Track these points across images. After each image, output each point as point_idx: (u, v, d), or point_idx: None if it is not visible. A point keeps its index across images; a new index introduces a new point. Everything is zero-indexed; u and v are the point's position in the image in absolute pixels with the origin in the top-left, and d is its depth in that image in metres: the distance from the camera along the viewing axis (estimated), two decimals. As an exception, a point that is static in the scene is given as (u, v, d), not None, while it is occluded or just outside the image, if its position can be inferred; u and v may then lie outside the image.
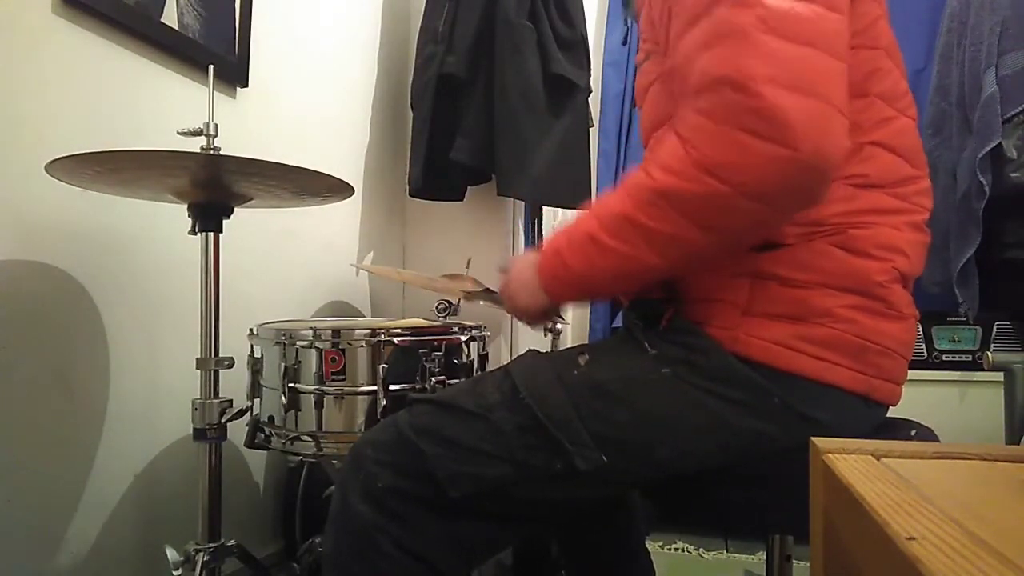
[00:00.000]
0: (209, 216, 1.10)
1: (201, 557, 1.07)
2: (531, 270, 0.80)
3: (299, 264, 1.75)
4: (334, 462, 1.11)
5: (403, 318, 1.67)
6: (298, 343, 1.10)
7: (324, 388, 1.09)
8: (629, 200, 0.70)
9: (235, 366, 1.12)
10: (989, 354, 1.53)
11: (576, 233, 0.75)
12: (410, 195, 2.04)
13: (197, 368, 1.10)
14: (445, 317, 1.18)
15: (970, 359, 1.93)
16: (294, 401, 1.10)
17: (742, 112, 0.62)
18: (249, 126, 1.54)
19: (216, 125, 1.08)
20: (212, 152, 1.07)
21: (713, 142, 0.64)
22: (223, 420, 1.10)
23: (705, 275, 0.76)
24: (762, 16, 0.62)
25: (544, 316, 0.85)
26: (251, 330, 1.19)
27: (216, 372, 1.11)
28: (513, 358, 0.83)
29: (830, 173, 0.63)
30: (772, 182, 0.63)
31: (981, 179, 1.52)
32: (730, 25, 0.64)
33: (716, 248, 0.71)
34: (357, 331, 1.10)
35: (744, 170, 0.63)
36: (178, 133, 1.08)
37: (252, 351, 1.19)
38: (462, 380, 1.11)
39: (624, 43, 1.40)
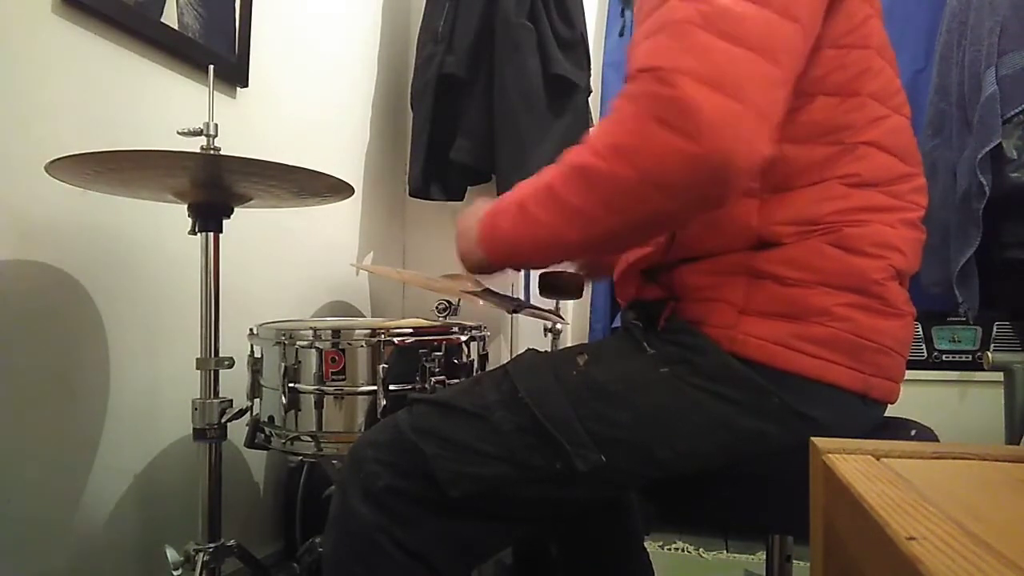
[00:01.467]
0: (209, 216, 1.10)
1: (201, 557, 1.07)
2: (474, 221, 0.81)
3: (299, 264, 1.75)
4: (334, 462, 1.11)
5: (403, 318, 1.67)
6: (298, 343, 1.10)
7: (324, 388, 1.09)
8: (556, 172, 0.72)
9: (235, 366, 1.12)
10: (989, 354, 1.53)
11: (511, 198, 0.77)
12: (410, 195, 2.04)
13: (197, 368, 1.10)
14: (445, 317, 1.18)
15: (970, 359, 1.92)
16: (294, 401, 1.10)
17: (658, 101, 0.62)
18: (249, 126, 1.54)
19: (216, 125, 1.08)
20: (212, 152, 1.07)
21: (627, 126, 0.66)
22: (223, 420, 1.10)
23: (702, 275, 0.77)
24: (705, 12, 0.63)
25: (481, 268, 0.85)
26: (251, 330, 1.19)
27: (216, 372, 1.11)
28: (512, 358, 0.83)
29: (739, 175, 0.63)
30: (673, 173, 0.63)
31: (981, 179, 1.52)
32: (671, 17, 0.64)
33: (627, 233, 0.71)
34: (357, 331, 1.10)
35: (649, 156, 0.64)
36: (178, 133, 1.08)
37: (252, 351, 1.19)
38: (462, 380, 1.11)
39: (621, 35, 1.41)
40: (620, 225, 0.69)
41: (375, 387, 1.07)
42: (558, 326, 1.75)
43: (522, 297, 0.97)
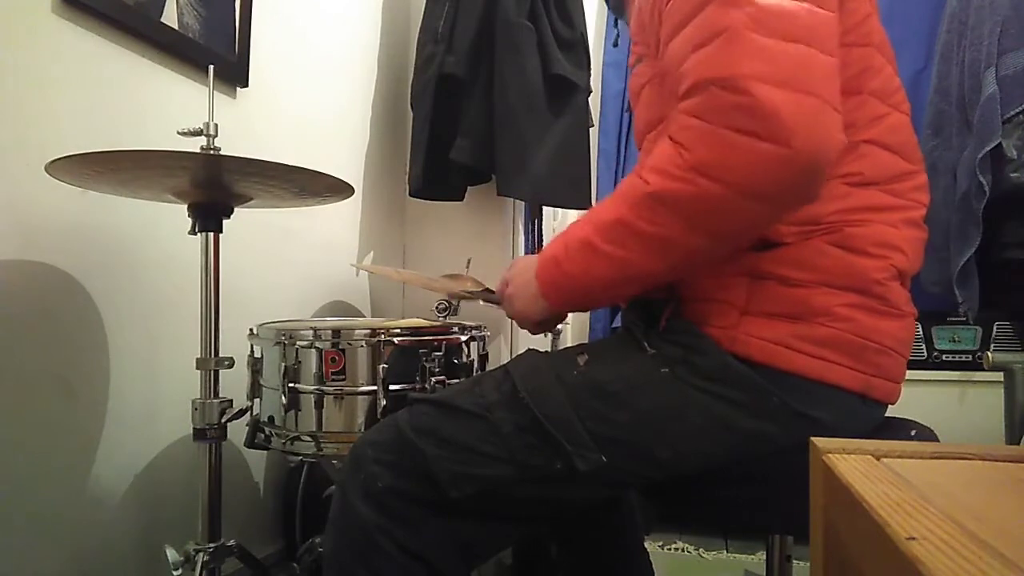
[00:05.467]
0: (209, 216, 1.10)
1: (201, 557, 1.07)
2: (530, 275, 0.80)
3: (299, 264, 1.75)
4: (334, 462, 1.11)
5: (403, 318, 1.67)
6: (298, 343, 1.10)
7: (324, 388, 1.09)
8: (624, 205, 0.70)
9: (235, 366, 1.12)
10: (989, 354, 1.53)
11: (572, 240, 0.75)
12: (410, 195, 2.04)
13: (197, 368, 1.10)
14: (445, 317, 1.18)
15: (970, 359, 1.92)
16: (294, 401, 1.10)
17: (732, 110, 0.61)
18: (249, 126, 1.54)
19: (216, 125, 1.08)
20: (212, 152, 1.07)
21: (704, 142, 0.64)
22: (223, 420, 1.10)
23: (703, 275, 0.76)
24: (752, 14, 0.62)
25: (545, 323, 0.85)
26: (251, 330, 1.18)
27: (216, 372, 1.11)
28: (513, 358, 0.83)
29: (825, 169, 0.63)
30: (767, 180, 0.62)
31: (981, 179, 1.51)
32: (720, 24, 0.63)
33: (715, 250, 0.70)
34: (357, 331, 1.10)
35: (737, 169, 0.62)
36: (178, 133, 1.08)
37: (252, 351, 1.19)
38: (462, 380, 1.11)
39: (615, 45, 1.41)
40: (708, 244, 0.68)
41: (375, 387, 1.07)
42: (558, 326, 1.75)
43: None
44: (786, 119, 0.60)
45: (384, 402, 1.06)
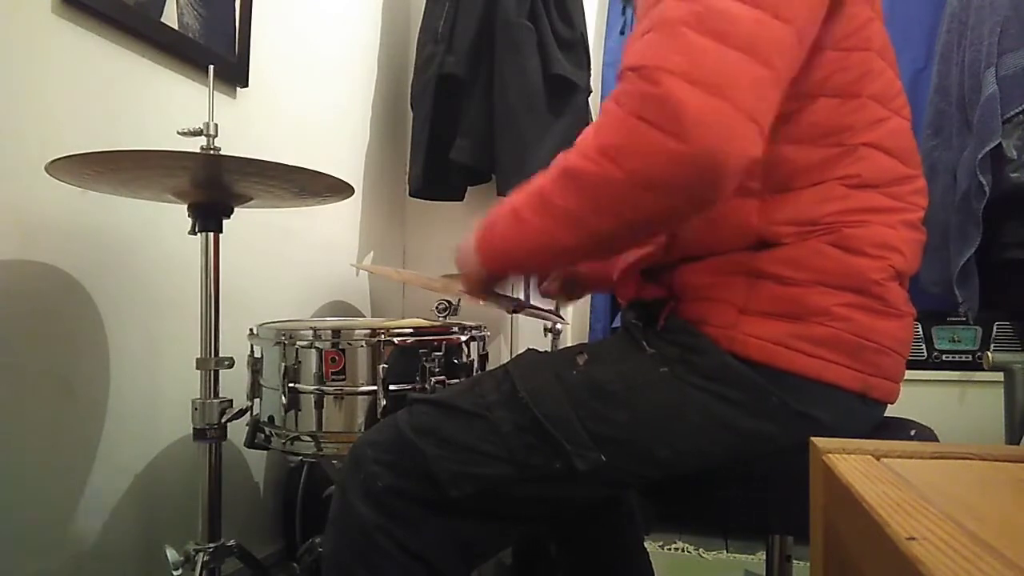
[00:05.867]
0: (209, 216, 1.10)
1: (201, 557, 1.07)
2: (472, 238, 0.81)
3: (299, 264, 1.75)
4: (334, 462, 1.11)
5: (403, 318, 1.67)
6: (298, 343, 1.10)
7: (324, 388, 1.09)
8: (547, 177, 0.71)
9: (235, 366, 1.12)
10: (989, 354, 1.53)
11: (506, 206, 0.76)
12: (410, 195, 2.04)
13: (197, 368, 1.10)
14: (445, 317, 1.19)
15: (970, 359, 1.92)
16: (294, 401, 1.10)
17: (642, 100, 0.62)
18: (249, 126, 1.54)
19: (216, 125, 1.08)
20: (212, 152, 1.07)
21: (615, 126, 0.65)
22: (223, 420, 1.10)
23: (701, 274, 0.77)
24: (697, 12, 0.62)
25: (484, 285, 0.85)
26: (251, 330, 1.19)
27: (216, 372, 1.11)
28: (512, 358, 0.83)
29: (726, 175, 0.62)
30: (659, 172, 0.63)
31: (981, 179, 1.52)
32: (663, 18, 0.64)
33: (620, 234, 0.71)
34: (357, 331, 1.10)
35: (635, 156, 0.63)
36: (178, 133, 1.08)
37: (252, 351, 1.19)
38: (462, 380, 1.11)
39: (622, 33, 1.40)
40: (613, 226, 0.69)
41: (375, 387, 1.07)
42: (558, 326, 1.75)
43: (522, 297, 0.97)
44: (688, 116, 0.60)
45: (384, 402, 1.06)
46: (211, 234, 1.10)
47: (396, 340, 1.08)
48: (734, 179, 0.64)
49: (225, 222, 1.12)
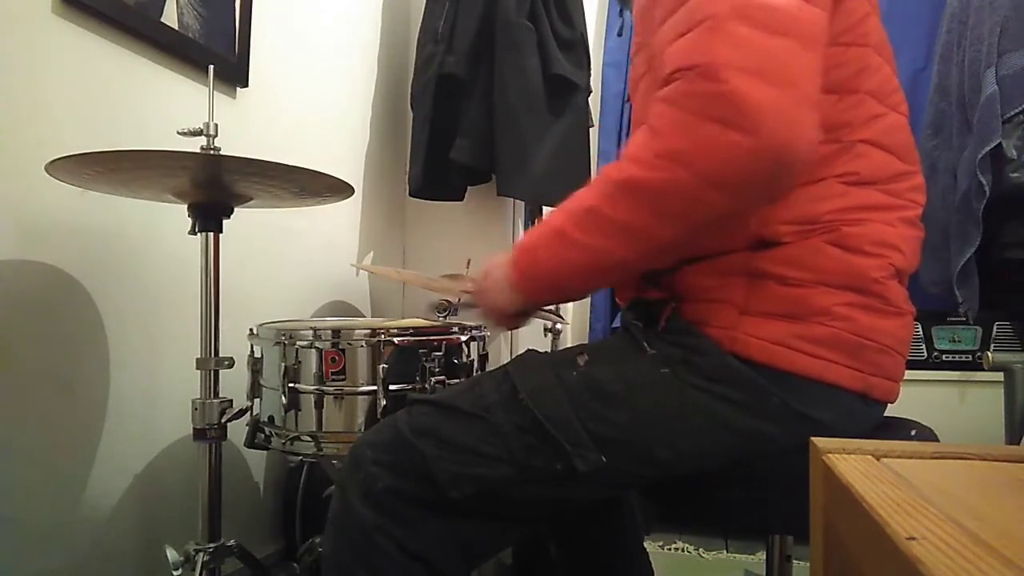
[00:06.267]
0: (209, 216, 1.10)
1: (201, 557, 1.07)
2: (504, 269, 0.79)
3: (299, 264, 1.75)
4: (334, 462, 1.11)
5: (403, 318, 1.67)
6: (298, 343, 1.10)
7: (324, 388, 1.09)
8: (595, 192, 0.70)
9: (235, 366, 1.12)
10: (989, 354, 1.53)
11: (546, 229, 0.75)
12: (410, 195, 2.04)
13: (197, 368, 1.10)
14: (445, 317, 1.18)
15: (970, 359, 1.92)
16: (294, 401, 1.10)
17: (707, 99, 0.61)
18: (249, 126, 1.54)
19: (216, 125, 1.08)
20: (212, 152, 1.07)
21: (677, 129, 0.63)
22: (223, 420, 1.10)
23: (702, 275, 0.76)
24: (736, 5, 0.62)
25: (517, 317, 0.84)
26: (251, 330, 1.18)
27: (216, 372, 1.11)
28: (512, 358, 0.83)
29: (796, 165, 0.63)
30: (735, 171, 0.62)
31: (981, 179, 1.51)
32: (703, 13, 0.63)
33: (684, 240, 0.70)
34: (357, 331, 1.10)
35: (707, 158, 0.62)
36: (178, 133, 1.08)
37: (252, 351, 1.19)
38: (462, 380, 1.11)
39: (620, 35, 1.40)
40: (677, 233, 0.68)
41: (375, 387, 1.07)
42: (558, 326, 1.75)
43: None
44: (757, 110, 0.59)
45: (384, 402, 1.06)
46: (211, 234, 1.10)
47: (396, 340, 1.08)
48: (802, 167, 0.63)
49: (225, 222, 1.12)
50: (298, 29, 1.74)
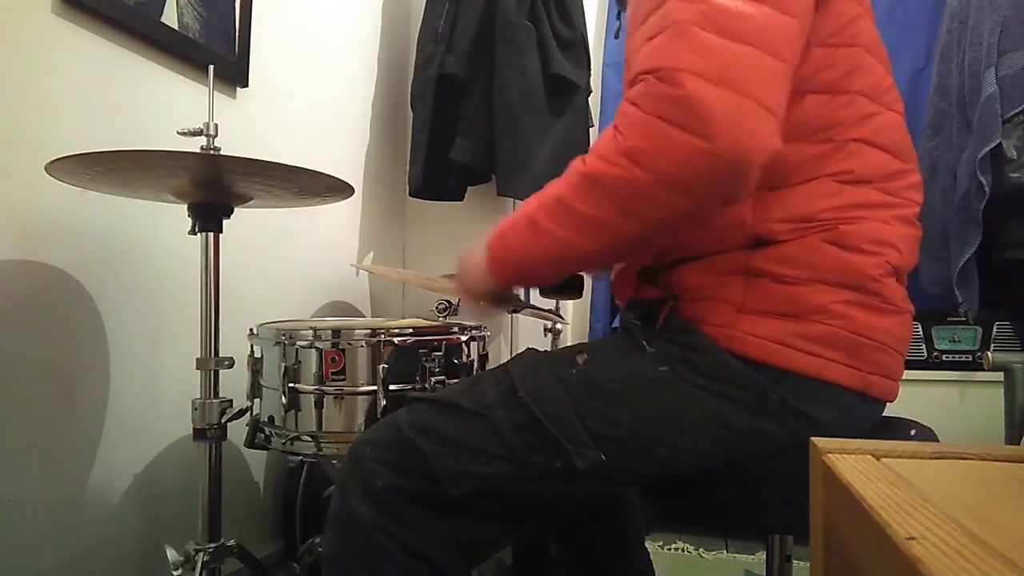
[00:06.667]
0: (209, 216, 1.10)
1: (201, 557, 1.07)
2: (480, 252, 0.81)
3: (299, 264, 1.75)
4: (334, 462, 1.11)
5: (403, 318, 1.67)
6: (298, 343, 1.10)
7: (324, 388, 1.09)
8: (565, 184, 0.72)
9: (235, 366, 1.12)
10: (989, 354, 1.53)
11: (520, 215, 0.76)
12: (410, 195, 2.04)
13: (197, 368, 1.10)
14: (445, 317, 1.19)
15: (970, 359, 1.92)
16: (294, 401, 1.10)
17: (665, 101, 0.63)
18: (249, 126, 1.54)
19: (216, 125, 1.08)
20: (212, 152, 1.07)
21: (637, 129, 0.65)
22: (223, 420, 1.10)
23: (699, 273, 0.77)
24: (704, 11, 0.63)
25: (492, 299, 0.85)
26: (251, 330, 1.18)
27: (216, 372, 1.11)
28: (512, 357, 0.83)
29: (752, 170, 0.64)
30: (689, 173, 0.63)
31: (981, 179, 1.52)
32: (671, 19, 0.65)
33: (644, 236, 0.71)
34: (357, 331, 1.10)
35: (663, 158, 0.64)
36: (178, 133, 1.08)
37: (252, 351, 1.19)
38: (462, 379, 1.11)
39: (616, 37, 1.41)
40: (637, 230, 0.69)
41: (375, 387, 1.07)
42: (558, 326, 1.75)
43: (522, 297, 0.97)
44: (713, 115, 0.61)
45: (384, 402, 1.06)
46: (211, 234, 1.10)
47: (396, 340, 1.08)
48: (758, 173, 0.65)
49: (225, 222, 1.12)
50: (298, 29, 1.74)
